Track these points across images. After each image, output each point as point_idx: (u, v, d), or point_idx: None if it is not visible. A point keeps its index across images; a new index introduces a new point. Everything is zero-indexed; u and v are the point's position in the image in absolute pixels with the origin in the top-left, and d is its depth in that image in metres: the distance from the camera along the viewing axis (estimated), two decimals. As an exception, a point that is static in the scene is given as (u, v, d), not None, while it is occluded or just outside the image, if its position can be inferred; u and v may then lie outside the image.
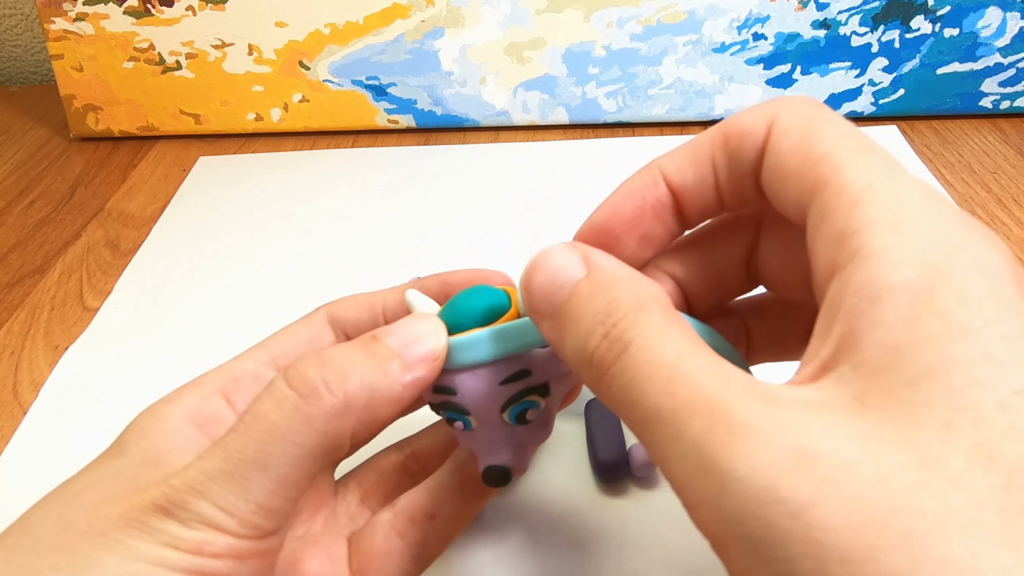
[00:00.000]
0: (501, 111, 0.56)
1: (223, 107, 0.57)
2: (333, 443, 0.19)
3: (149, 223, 0.49)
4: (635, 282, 0.17)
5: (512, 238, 0.45)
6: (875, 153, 0.17)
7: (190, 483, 0.19)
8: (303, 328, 0.25)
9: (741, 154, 0.19)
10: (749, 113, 0.19)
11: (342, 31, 0.54)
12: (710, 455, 0.13)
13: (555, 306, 0.18)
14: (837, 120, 0.18)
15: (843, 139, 0.17)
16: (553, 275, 0.18)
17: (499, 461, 0.22)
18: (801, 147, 0.17)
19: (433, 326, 0.21)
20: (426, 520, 0.24)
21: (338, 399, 0.19)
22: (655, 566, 0.27)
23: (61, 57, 0.55)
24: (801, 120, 0.18)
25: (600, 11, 0.52)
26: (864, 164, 0.16)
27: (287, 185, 0.51)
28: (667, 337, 0.16)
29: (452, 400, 0.22)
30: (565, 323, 0.18)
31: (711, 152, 0.20)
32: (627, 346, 0.16)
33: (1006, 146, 0.51)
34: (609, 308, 0.17)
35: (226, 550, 0.18)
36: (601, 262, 0.18)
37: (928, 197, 0.15)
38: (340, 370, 0.19)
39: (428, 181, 0.51)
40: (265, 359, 0.24)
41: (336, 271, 0.43)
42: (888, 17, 0.51)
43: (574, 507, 0.29)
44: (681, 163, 0.20)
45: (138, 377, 0.37)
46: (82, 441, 0.34)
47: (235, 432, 0.19)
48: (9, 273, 0.45)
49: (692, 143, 0.20)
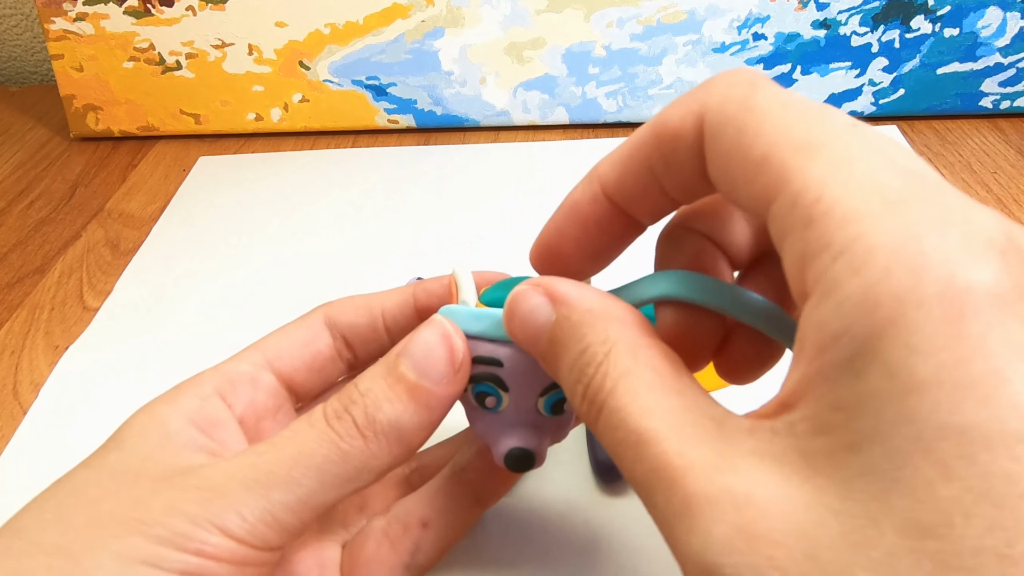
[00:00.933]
0: (501, 111, 0.56)
1: (223, 107, 0.56)
2: (369, 478, 0.20)
3: (149, 223, 0.49)
4: (602, 318, 0.18)
5: (512, 238, 0.45)
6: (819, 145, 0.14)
7: (213, 483, 0.19)
8: (299, 330, 0.24)
9: (678, 158, 0.17)
10: (677, 109, 0.17)
11: (342, 31, 0.53)
12: (669, 527, 0.14)
13: (540, 352, 0.19)
14: (767, 100, 0.15)
15: (780, 131, 0.15)
16: (527, 321, 0.19)
17: (525, 444, 0.21)
18: (738, 149, 0.15)
19: (446, 332, 0.21)
20: (419, 527, 0.23)
21: (371, 443, 0.20)
22: (655, 566, 0.27)
23: (61, 57, 0.55)
24: (730, 113, 0.16)
25: (600, 11, 0.52)
26: (810, 167, 0.14)
27: (287, 185, 0.51)
28: (632, 389, 0.16)
29: (495, 372, 0.21)
30: (554, 368, 0.19)
31: (647, 159, 0.18)
32: (600, 409, 0.16)
33: (1006, 146, 0.51)
34: (581, 362, 0.17)
35: (228, 554, 0.18)
36: (567, 297, 0.18)
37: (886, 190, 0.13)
38: (369, 412, 0.20)
39: (428, 181, 0.51)
40: (260, 361, 0.23)
41: (336, 271, 0.43)
42: (888, 17, 0.51)
43: (574, 507, 0.29)
44: (620, 174, 0.19)
45: (138, 377, 0.37)
46: (82, 441, 0.34)
47: (271, 446, 0.20)
48: (9, 273, 0.45)
49: (625, 149, 0.19)
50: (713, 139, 0.16)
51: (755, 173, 0.15)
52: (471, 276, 0.22)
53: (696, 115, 0.16)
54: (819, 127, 0.14)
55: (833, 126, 0.14)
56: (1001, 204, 0.46)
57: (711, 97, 0.16)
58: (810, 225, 0.13)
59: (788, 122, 0.15)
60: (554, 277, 0.19)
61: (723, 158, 0.16)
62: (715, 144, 0.16)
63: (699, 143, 0.17)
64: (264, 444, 0.20)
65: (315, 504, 0.19)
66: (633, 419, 0.15)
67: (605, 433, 0.16)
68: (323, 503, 0.19)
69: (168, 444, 0.20)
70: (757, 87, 0.16)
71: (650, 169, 0.18)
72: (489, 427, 0.22)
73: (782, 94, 0.16)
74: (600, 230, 0.20)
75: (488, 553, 0.28)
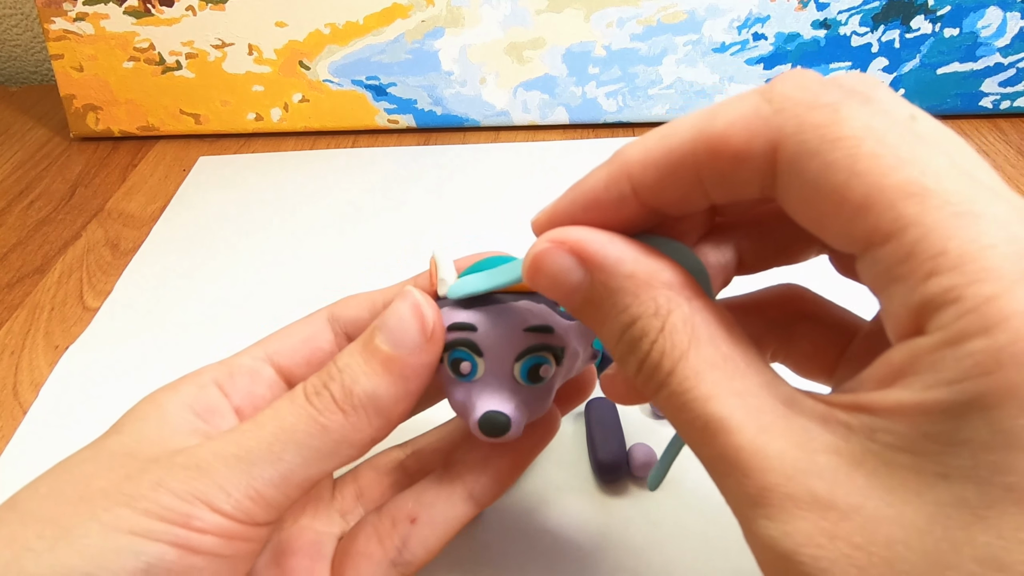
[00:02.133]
0: (501, 111, 0.55)
1: (223, 107, 0.56)
2: (351, 452, 0.20)
3: (149, 223, 0.49)
4: (647, 286, 0.16)
5: (512, 238, 0.45)
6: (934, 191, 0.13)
7: (197, 460, 0.19)
8: (303, 327, 0.25)
9: (739, 180, 0.16)
10: (740, 127, 0.15)
11: (342, 31, 0.53)
12: (746, 510, 0.15)
13: (575, 307, 0.18)
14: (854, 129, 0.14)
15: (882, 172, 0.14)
16: (557, 279, 0.17)
17: (500, 407, 0.21)
18: (829, 187, 0.14)
19: (414, 300, 0.21)
20: (407, 522, 0.23)
21: (350, 416, 0.20)
22: (655, 566, 0.27)
23: (61, 57, 0.55)
24: (814, 145, 0.14)
25: (600, 11, 0.52)
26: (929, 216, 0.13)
27: (287, 185, 0.51)
28: (695, 369, 0.16)
29: (469, 337, 0.21)
30: (594, 326, 0.18)
31: (696, 169, 0.16)
32: (660, 388, 0.16)
33: (1006, 146, 0.51)
34: (630, 335, 0.16)
35: (214, 527, 0.18)
36: (602, 260, 0.17)
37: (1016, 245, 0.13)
38: (345, 385, 0.20)
39: (428, 181, 0.51)
40: (261, 355, 0.24)
41: (336, 271, 0.43)
42: (888, 17, 0.51)
43: (574, 507, 0.29)
44: (658, 180, 0.17)
45: (138, 377, 0.37)
46: (82, 441, 0.34)
47: (254, 423, 0.20)
48: (9, 273, 0.45)
49: (664, 152, 0.16)
50: (794, 173, 0.15)
51: (853, 215, 0.14)
52: (450, 257, 0.23)
53: (767, 140, 0.15)
54: (923, 162, 0.14)
55: (937, 161, 0.14)
56: (1001, 204, 0.46)
57: (785, 120, 0.15)
58: (933, 276, 0.13)
59: (888, 159, 0.14)
60: (579, 228, 0.17)
61: (808, 193, 0.15)
62: (797, 178, 0.15)
63: (769, 168, 0.15)
64: (248, 423, 0.20)
65: (299, 479, 0.20)
66: (699, 404, 0.15)
67: (667, 410, 0.16)
68: (307, 478, 0.20)
69: (164, 427, 0.21)
70: (837, 110, 0.15)
71: (699, 179, 0.16)
72: (466, 396, 0.22)
73: (866, 115, 0.14)
74: (619, 225, 0.18)
75: (488, 553, 0.28)
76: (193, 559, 0.18)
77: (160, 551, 0.18)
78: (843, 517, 0.14)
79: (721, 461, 0.15)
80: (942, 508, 0.13)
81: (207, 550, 0.18)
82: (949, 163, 0.14)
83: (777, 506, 0.14)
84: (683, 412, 0.16)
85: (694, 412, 0.15)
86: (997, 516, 0.13)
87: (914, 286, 0.14)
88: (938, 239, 0.13)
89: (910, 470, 0.13)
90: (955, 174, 0.14)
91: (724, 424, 0.15)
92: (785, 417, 0.15)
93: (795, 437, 0.15)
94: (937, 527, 0.13)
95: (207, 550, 0.18)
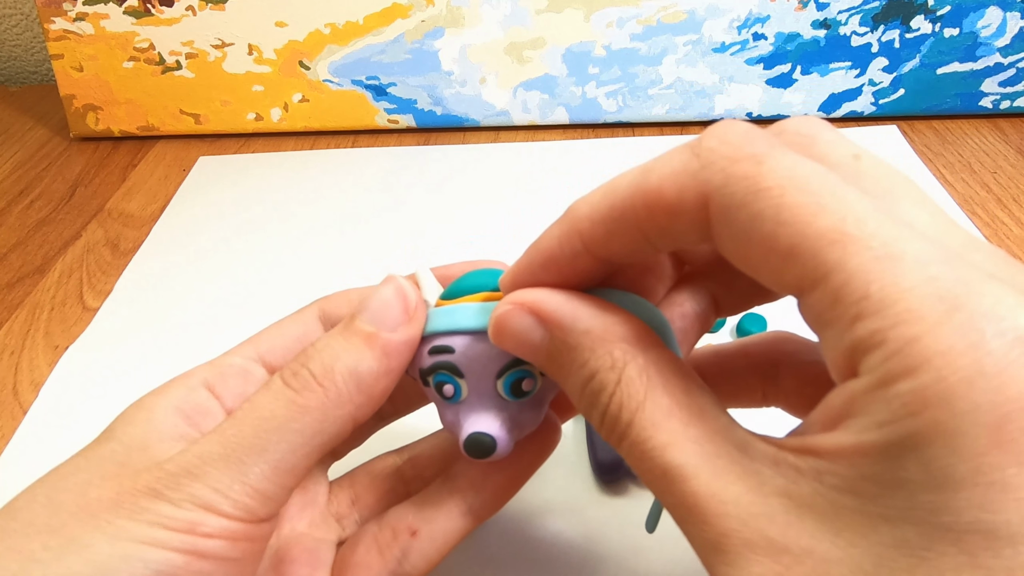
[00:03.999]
0: (501, 111, 0.56)
1: (223, 107, 0.57)
2: (332, 430, 0.20)
3: (149, 223, 0.49)
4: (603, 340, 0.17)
5: (512, 238, 0.45)
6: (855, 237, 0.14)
7: (186, 466, 0.19)
8: (293, 325, 0.25)
9: (677, 229, 0.16)
10: (671, 181, 0.16)
11: (342, 31, 0.54)
12: (703, 554, 0.15)
13: (541, 365, 0.19)
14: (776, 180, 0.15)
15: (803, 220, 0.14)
16: (520, 339, 0.19)
17: (485, 428, 0.21)
18: (757, 237, 0.15)
19: (398, 285, 0.21)
20: (408, 535, 0.23)
21: (330, 391, 0.20)
22: (655, 566, 0.27)
23: (61, 57, 0.55)
24: (739, 197, 0.15)
25: (600, 11, 0.52)
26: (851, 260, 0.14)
27: (287, 185, 0.51)
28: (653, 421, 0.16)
29: (448, 360, 0.21)
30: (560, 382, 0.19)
31: (636, 223, 0.17)
32: (621, 439, 0.17)
33: (1006, 146, 0.51)
34: (590, 389, 0.17)
35: (219, 531, 0.18)
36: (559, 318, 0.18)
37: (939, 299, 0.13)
38: (325, 362, 0.20)
39: (428, 181, 0.51)
40: (252, 355, 0.24)
41: (335, 271, 0.43)
42: (888, 17, 0.51)
43: (574, 507, 0.29)
44: (605, 234, 0.17)
45: (138, 376, 0.37)
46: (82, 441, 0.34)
47: (233, 419, 0.20)
48: (9, 273, 0.45)
49: (607, 209, 0.17)
50: (724, 223, 0.15)
51: (782, 263, 0.15)
52: (432, 276, 0.23)
53: (697, 193, 0.16)
54: (845, 207, 0.14)
55: (860, 205, 0.14)
56: (1001, 204, 0.46)
57: (712, 175, 0.15)
58: (859, 321, 0.14)
59: (810, 207, 0.14)
60: (538, 290, 0.19)
61: (740, 242, 0.15)
62: (727, 228, 0.15)
63: (702, 219, 0.16)
64: (228, 420, 0.20)
65: (288, 466, 0.19)
66: (657, 454, 0.16)
67: (629, 460, 0.17)
68: (297, 465, 0.20)
69: (151, 433, 0.21)
70: (760, 162, 0.15)
71: (641, 232, 0.17)
72: (454, 417, 0.22)
73: (789, 163, 0.15)
74: (577, 277, 0.19)
75: (488, 553, 0.28)
76: (201, 564, 0.18)
77: (168, 558, 0.18)
78: (796, 561, 0.14)
79: (681, 507, 0.15)
80: (886, 550, 0.13)
81: (214, 554, 0.18)
82: (872, 207, 0.14)
83: (734, 552, 0.15)
84: (644, 461, 0.16)
85: (653, 461, 0.16)
86: (936, 556, 0.13)
87: (843, 331, 0.14)
88: (860, 284, 0.14)
89: (855, 512, 0.14)
90: (878, 217, 0.14)
91: (681, 471, 0.15)
92: (739, 462, 0.15)
93: (749, 481, 0.15)
94: (883, 570, 0.13)
95: (214, 554, 0.18)
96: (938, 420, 0.13)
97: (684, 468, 0.15)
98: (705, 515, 0.15)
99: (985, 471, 0.13)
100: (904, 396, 0.13)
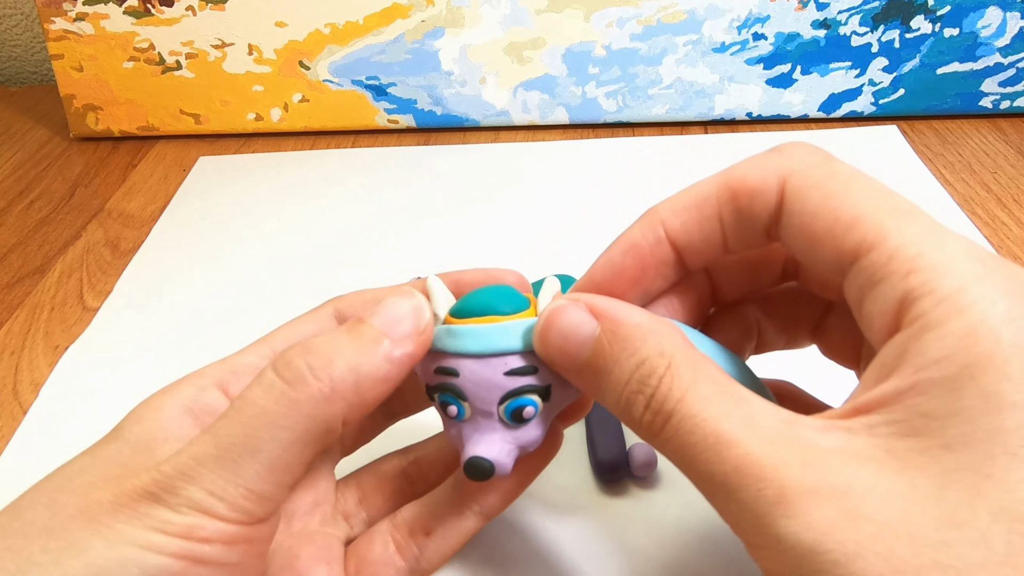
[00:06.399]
0: (501, 111, 0.56)
1: (223, 107, 0.57)
2: (323, 427, 0.19)
3: (149, 223, 0.49)
4: (653, 332, 0.19)
5: (512, 238, 0.45)
6: (909, 213, 0.17)
7: (180, 468, 0.19)
8: (308, 323, 0.25)
9: (752, 213, 0.19)
10: (756, 169, 0.19)
11: (342, 31, 0.54)
12: (764, 515, 0.15)
13: (580, 364, 0.20)
14: (847, 170, 0.18)
15: (871, 199, 0.17)
16: (568, 334, 0.20)
17: (484, 453, 0.22)
18: (827, 209, 0.18)
19: (416, 302, 0.21)
20: (422, 534, 0.24)
21: (324, 384, 0.19)
22: (655, 566, 0.27)
23: (61, 57, 0.55)
24: (816, 177, 0.18)
25: (600, 11, 0.52)
26: (907, 228, 0.17)
27: (287, 185, 0.51)
28: (703, 396, 0.17)
29: (452, 382, 0.21)
30: (597, 381, 0.19)
31: (717, 209, 0.20)
32: (669, 416, 0.17)
33: (1006, 146, 0.51)
34: (640, 372, 0.18)
35: (216, 535, 0.18)
36: (612, 313, 0.19)
37: (977, 261, 0.16)
38: (325, 355, 0.20)
39: (428, 181, 0.51)
40: (267, 352, 0.24)
41: (336, 271, 0.43)
42: (888, 17, 0.51)
43: (574, 507, 0.29)
44: (685, 221, 0.20)
45: (138, 376, 0.37)
46: (82, 441, 0.34)
47: (224, 418, 0.19)
48: (9, 273, 0.45)
49: (695, 197, 0.20)
50: (798, 200, 0.18)
51: (845, 231, 0.17)
52: (444, 287, 0.23)
53: (778, 176, 0.19)
54: (899, 198, 0.18)
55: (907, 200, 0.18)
56: (1001, 204, 0.46)
57: (793, 161, 0.19)
58: (912, 273, 0.16)
59: (874, 190, 0.18)
60: (589, 294, 0.20)
61: (808, 217, 0.18)
62: (800, 204, 0.18)
63: (777, 201, 0.19)
64: (221, 417, 0.19)
65: (284, 466, 0.19)
66: (711, 423, 0.17)
67: (675, 438, 0.17)
68: (292, 463, 0.19)
69: (159, 432, 0.20)
70: (832, 159, 0.19)
71: (719, 220, 0.20)
72: (457, 434, 0.23)
73: (850, 165, 0.18)
74: (657, 272, 0.21)
75: (489, 552, 0.28)
76: (198, 569, 0.18)
77: (165, 563, 0.18)
78: (862, 499, 0.15)
79: (735, 473, 0.16)
80: (950, 475, 0.14)
81: (212, 559, 0.18)
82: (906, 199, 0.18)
83: (796, 501, 0.15)
84: (693, 435, 0.17)
85: (705, 430, 0.17)
86: (1002, 471, 0.14)
87: (896, 283, 0.16)
88: (915, 245, 0.16)
89: (913, 450, 0.15)
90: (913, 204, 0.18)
91: (735, 437, 0.16)
92: (790, 432, 0.16)
93: (800, 444, 0.16)
94: (949, 492, 0.14)
95: (212, 559, 0.18)
96: (991, 351, 0.15)
97: (738, 434, 0.16)
98: (763, 471, 0.16)
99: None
100: (957, 332, 0.15)
